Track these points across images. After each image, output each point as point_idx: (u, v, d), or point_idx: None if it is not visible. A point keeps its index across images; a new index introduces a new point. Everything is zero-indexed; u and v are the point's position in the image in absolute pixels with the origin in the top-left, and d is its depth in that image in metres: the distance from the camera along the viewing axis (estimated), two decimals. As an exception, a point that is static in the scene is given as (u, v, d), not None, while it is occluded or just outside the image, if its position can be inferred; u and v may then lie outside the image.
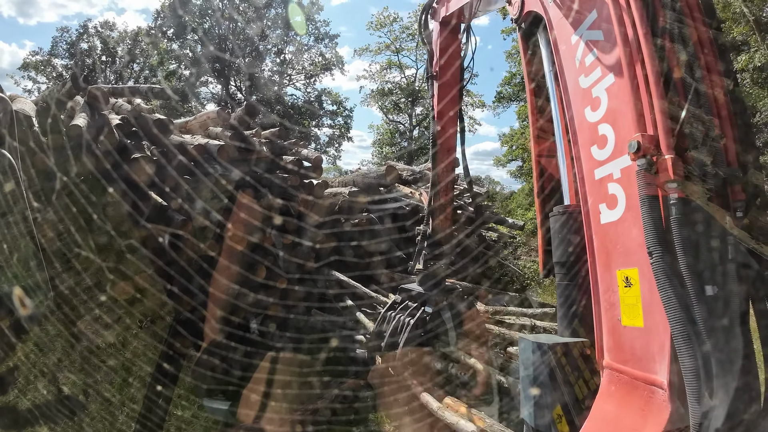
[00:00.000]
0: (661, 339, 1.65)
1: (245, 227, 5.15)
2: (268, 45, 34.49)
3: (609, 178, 1.92)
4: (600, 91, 1.98)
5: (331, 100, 36.44)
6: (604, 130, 1.95)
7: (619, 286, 1.84)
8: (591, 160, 2.02)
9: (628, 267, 1.81)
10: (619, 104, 1.87)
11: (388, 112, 37.57)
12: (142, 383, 4.35)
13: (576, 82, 2.12)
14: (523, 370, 2.25)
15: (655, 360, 1.67)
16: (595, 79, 2.01)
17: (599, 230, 1.97)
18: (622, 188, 1.85)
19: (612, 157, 1.90)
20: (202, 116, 6.25)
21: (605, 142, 1.94)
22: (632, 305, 1.78)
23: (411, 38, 36.04)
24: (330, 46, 35.70)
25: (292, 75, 35.98)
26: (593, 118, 2.01)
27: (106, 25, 32.37)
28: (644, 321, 1.73)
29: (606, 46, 1.96)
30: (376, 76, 37.11)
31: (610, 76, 1.93)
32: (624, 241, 1.84)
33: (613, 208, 1.89)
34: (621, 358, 1.83)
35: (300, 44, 35.36)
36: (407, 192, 7.81)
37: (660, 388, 1.63)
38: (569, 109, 2.18)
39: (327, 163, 35.40)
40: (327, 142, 36.15)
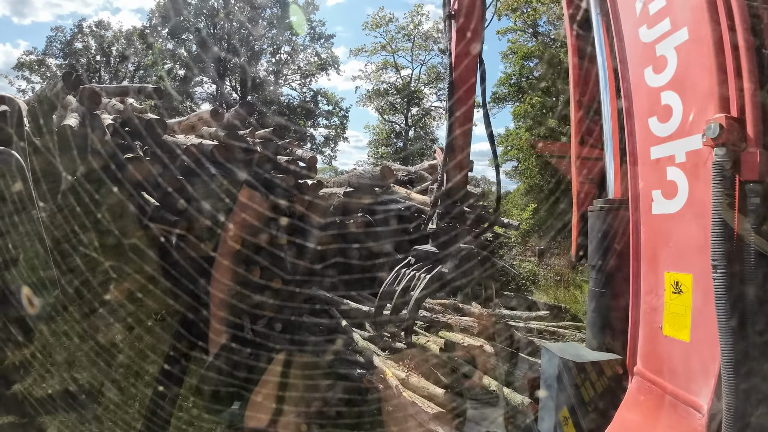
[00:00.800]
0: (707, 359, 1.42)
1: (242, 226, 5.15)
2: (264, 45, 34.46)
3: (669, 161, 1.58)
4: (667, 48, 1.59)
5: (327, 100, 36.49)
6: (669, 99, 1.58)
7: (665, 290, 1.59)
8: (648, 134, 1.67)
9: (681, 271, 1.54)
10: (693, 70, 1.49)
11: (383, 113, 37.65)
12: (147, 383, 4.32)
13: (635, 34, 1.73)
14: (544, 383, 2.09)
15: (697, 380, 1.46)
16: (661, 33, 1.62)
17: (649, 221, 1.68)
18: (685, 176, 1.51)
19: (676, 135, 1.55)
20: (195, 116, 6.24)
21: (669, 115, 1.58)
22: (679, 315, 1.54)
23: (407, 39, 36.16)
24: (326, 46, 35.78)
25: (288, 75, 36.00)
26: (655, 82, 1.64)
27: (101, 25, 32.31)
28: (691, 336, 1.49)
29: None
30: (372, 76, 37.21)
31: (683, 31, 1.53)
32: (679, 240, 1.56)
33: (670, 197, 1.57)
34: (656, 368, 1.65)
35: (296, 44, 35.39)
36: (403, 192, 7.82)
37: (698, 411, 1.44)
38: (623, 69, 1.82)
39: (323, 164, 35.41)
40: (323, 142, 36.24)
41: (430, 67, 36.64)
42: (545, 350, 2.14)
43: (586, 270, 14.49)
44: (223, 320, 4.96)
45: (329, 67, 35.73)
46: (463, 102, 3.59)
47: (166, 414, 4.17)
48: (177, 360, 4.65)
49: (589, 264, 2.20)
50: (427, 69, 36.80)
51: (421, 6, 37.10)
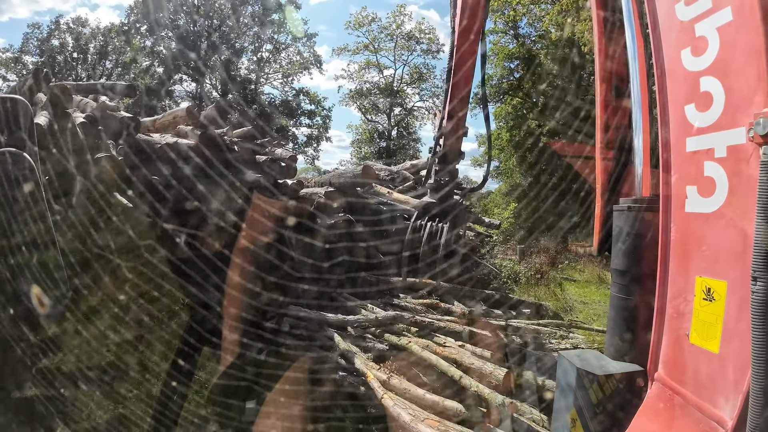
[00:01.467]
0: (736, 373, 1.34)
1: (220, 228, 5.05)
2: (245, 43, 34.01)
3: (707, 155, 1.43)
4: (708, 29, 1.42)
5: (309, 99, 36.24)
6: (709, 85, 1.42)
7: (695, 296, 1.48)
8: (684, 123, 1.52)
9: (714, 277, 1.42)
10: (738, 54, 1.33)
11: (366, 112, 37.59)
12: (157, 380, 4.40)
13: (671, 11, 1.56)
14: (559, 392, 2.01)
15: (724, 394, 1.38)
16: (702, 11, 1.45)
17: (681, 219, 1.54)
18: (726, 173, 1.36)
19: (716, 127, 1.40)
20: (170, 114, 6.09)
21: (709, 103, 1.41)
22: (709, 324, 1.44)
23: (389, 39, 36.18)
24: (308, 44, 35.49)
25: (270, 73, 35.61)
26: (694, 66, 1.48)
27: (79, 21, 31.44)
28: (720, 347, 1.40)
29: None
30: (355, 75, 37.12)
31: (726, 10, 1.36)
32: (714, 243, 1.43)
33: (707, 195, 1.43)
34: (679, 376, 1.56)
35: (278, 42, 35.02)
36: (384, 192, 7.80)
37: (721, 425, 1.37)
38: (657, 49, 1.63)
39: (305, 163, 35.17)
40: (305, 141, 35.94)
41: (413, 68, 36.79)
42: (562, 358, 2.02)
43: (567, 268, 14.74)
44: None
45: (312, 66, 35.52)
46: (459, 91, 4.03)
47: (176, 409, 4.27)
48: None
49: (612, 268, 2.08)
50: (410, 69, 36.94)
51: (403, 6, 37.20)
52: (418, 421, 3.28)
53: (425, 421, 3.27)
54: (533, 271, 12.10)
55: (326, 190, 6.69)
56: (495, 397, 3.38)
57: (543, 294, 10.55)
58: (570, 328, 5.83)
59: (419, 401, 3.69)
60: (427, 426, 3.20)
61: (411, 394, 3.79)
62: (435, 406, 3.56)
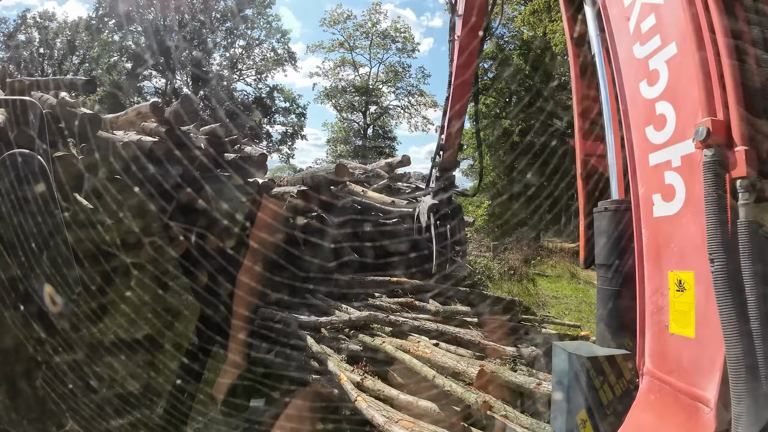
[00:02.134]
0: (713, 353, 1.47)
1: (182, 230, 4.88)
2: (217, 38, 33.22)
3: (666, 166, 1.67)
4: (659, 63, 1.72)
5: (284, 96, 35.68)
6: (663, 108, 1.70)
7: (669, 289, 1.65)
8: (645, 142, 1.78)
9: (683, 269, 1.60)
10: (683, 80, 1.61)
11: (342, 110, 37.34)
12: (167, 379, 4.49)
13: (630, 50, 1.86)
14: (556, 380, 2.12)
15: (704, 374, 1.50)
16: (653, 49, 1.75)
17: (651, 224, 1.75)
18: (682, 179, 1.61)
19: (671, 142, 1.66)
20: (134, 111, 5.85)
21: (663, 123, 1.69)
22: (684, 312, 1.60)
23: (365, 36, 36.01)
24: (282, 41, 34.93)
25: (243, 70, 34.90)
26: (650, 94, 1.76)
27: (46, 16, 30.01)
28: (696, 331, 1.54)
29: (667, 10, 1.71)
30: (330, 73, 36.79)
31: (671, 46, 1.67)
32: (680, 240, 1.62)
33: (669, 200, 1.66)
34: (665, 366, 1.68)
35: (251, 38, 34.35)
36: (359, 190, 7.73)
37: (706, 405, 1.48)
38: (620, 84, 1.92)
39: (280, 162, 34.63)
40: (280, 139, 35.38)
41: (388, 66, 36.73)
42: (557, 348, 2.15)
43: (539, 264, 15.01)
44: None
45: (286, 63, 34.99)
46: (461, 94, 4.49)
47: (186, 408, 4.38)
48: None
49: (597, 263, 2.24)
50: (385, 68, 36.87)
51: (379, 4, 36.85)
52: (392, 422, 3.25)
53: (399, 422, 3.25)
54: (506, 268, 12.29)
55: (299, 189, 6.58)
56: (468, 396, 3.38)
57: (516, 290, 10.72)
58: (542, 323, 5.93)
59: (394, 402, 3.67)
60: (401, 427, 3.18)
61: (385, 395, 3.77)
62: (410, 407, 3.55)
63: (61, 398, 3.57)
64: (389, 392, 3.74)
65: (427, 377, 3.75)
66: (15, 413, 3.29)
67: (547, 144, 18.42)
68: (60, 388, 3.62)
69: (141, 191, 4.65)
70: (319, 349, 4.56)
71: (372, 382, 3.92)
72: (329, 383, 4.25)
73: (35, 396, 3.47)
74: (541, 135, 19.41)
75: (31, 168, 2.87)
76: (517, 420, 3.37)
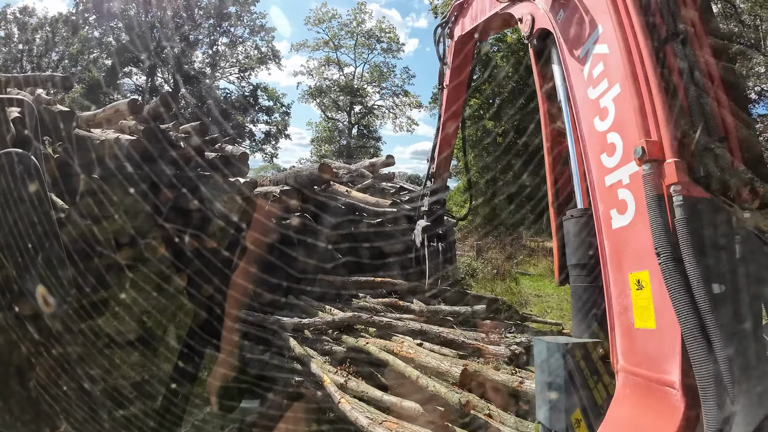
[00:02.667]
0: (672, 339, 1.67)
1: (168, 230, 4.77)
2: (199, 35, 32.70)
3: (618, 184, 1.98)
4: (607, 101, 2.07)
5: (268, 95, 35.33)
6: (613, 138, 2.02)
7: (631, 290, 1.87)
8: (601, 167, 2.09)
9: (640, 270, 1.84)
10: (625, 113, 1.96)
11: (326, 110, 37.17)
12: (161, 381, 4.45)
13: (585, 94, 2.22)
14: (539, 372, 2.25)
15: (668, 360, 1.69)
16: (602, 91, 2.11)
17: (611, 235, 2.01)
18: (632, 193, 1.91)
19: (621, 164, 1.97)
20: (111, 108, 5.70)
21: (614, 150, 2.01)
22: (644, 307, 1.80)
23: (350, 36, 35.94)
24: (266, 39, 34.56)
25: (226, 68, 34.44)
26: (602, 127, 2.10)
27: (26, 12, 29.06)
28: (656, 322, 1.75)
29: (611, 58, 2.06)
30: (314, 72, 36.60)
31: (616, 86, 2.02)
32: (634, 245, 1.87)
33: (623, 213, 1.95)
34: (635, 360, 1.84)
35: (234, 36, 33.92)
36: (343, 191, 7.69)
37: (672, 388, 1.65)
38: (579, 121, 2.27)
39: (264, 161, 34.30)
40: (263, 138, 35.01)
41: (373, 66, 36.72)
42: (536, 340, 2.37)
43: (522, 263, 15.16)
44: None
45: (270, 62, 34.64)
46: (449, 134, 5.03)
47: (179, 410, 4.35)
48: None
49: (568, 264, 2.48)
50: (370, 67, 36.86)
51: (364, 4, 36.86)
52: (375, 424, 3.24)
53: (383, 423, 3.24)
54: (490, 267, 12.40)
55: (282, 189, 6.51)
56: (452, 396, 3.39)
57: (499, 289, 10.83)
58: (525, 321, 5.99)
59: (377, 403, 3.66)
60: (385, 429, 3.17)
61: (369, 396, 3.75)
62: (394, 408, 3.54)
63: (55, 400, 3.54)
64: (373, 393, 3.73)
65: (411, 377, 3.74)
66: (8, 415, 3.25)
67: (528, 144, 18.66)
68: (53, 389, 3.59)
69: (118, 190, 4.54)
70: (301, 350, 4.52)
71: (356, 384, 3.89)
72: (313, 385, 4.21)
73: (29, 397, 3.43)
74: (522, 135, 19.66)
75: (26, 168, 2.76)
76: (501, 419, 3.40)
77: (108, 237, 4.48)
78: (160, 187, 4.90)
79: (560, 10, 2.44)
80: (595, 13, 2.19)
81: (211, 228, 5.37)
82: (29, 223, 2.78)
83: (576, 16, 2.31)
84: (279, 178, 7.62)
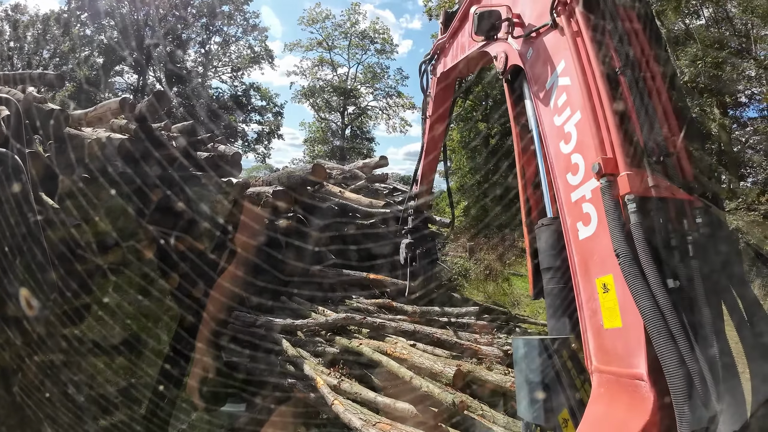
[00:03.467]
0: (637, 334, 1.80)
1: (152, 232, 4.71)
2: (192, 34, 32.44)
3: (582, 199, 2.19)
4: (570, 126, 2.30)
5: (261, 95, 35.12)
6: (576, 159, 2.25)
7: (598, 293, 2.03)
8: (567, 185, 2.30)
9: (605, 274, 2.01)
10: (585, 136, 2.19)
11: (319, 110, 37.05)
12: (147, 386, 4.42)
13: (552, 121, 2.46)
14: (517, 369, 2.40)
15: (635, 354, 1.82)
16: (566, 117, 2.34)
17: (578, 246, 2.19)
18: (594, 206, 2.11)
19: (583, 181, 2.19)
20: (103, 107, 5.64)
21: (577, 169, 2.24)
22: (611, 308, 1.95)
23: (343, 36, 35.86)
24: (259, 38, 34.36)
25: (218, 67, 34.19)
26: (566, 150, 2.33)
27: (18, 9, 28.59)
28: (622, 320, 1.89)
29: (573, 88, 2.31)
30: (308, 72, 36.47)
31: (577, 113, 2.26)
32: (599, 252, 2.04)
33: (587, 224, 2.14)
34: (606, 359, 1.97)
35: (227, 35, 33.69)
36: (336, 191, 7.68)
37: (641, 380, 1.77)
38: (547, 145, 2.49)
39: (256, 161, 34.08)
40: (256, 139, 34.79)
41: (367, 67, 36.68)
42: (514, 339, 2.55)
43: (515, 264, 15.20)
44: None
45: (263, 61, 34.43)
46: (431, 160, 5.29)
47: (165, 414, 4.33)
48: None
49: (541, 268, 2.64)
50: (364, 68, 36.81)
51: (358, 5, 36.75)
52: (369, 425, 3.24)
53: (377, 425, 3.23)
54: (482, 267, 12.45)
55: (274, 189, 6.48)
56: (446, 396, 3.40)
57: (492, 289, 10.88)
58: (517, 322, 6.04)
59: (371, 404, 3.65)
60: (379, 430, 3.17)
61: (363, 398, 3.74)
62: (387, 409, 3.54)
63: (38, 405, 3.52)
64: (366, 395, 3.72)
65: (405, 378, 3.75)
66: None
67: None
68: (37, 394, 3.56)
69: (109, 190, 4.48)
70: (294, 352, 4.50)
71: (349, 385, 3.89)
72: (306, 387, 4.20)
73: (13, 402, 3.41)
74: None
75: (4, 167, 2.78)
76: (494, 419, 3.42)
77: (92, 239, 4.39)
78: (148, 187, 4.83)
79: (529, 48, 2.71)
80: (558, 51, 2.45)
81: (200, 230, 5.31)
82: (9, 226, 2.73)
83: (542, 54, 2.59)
84: (272, 178, 7.57)
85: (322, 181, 7.31)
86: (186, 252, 5.06)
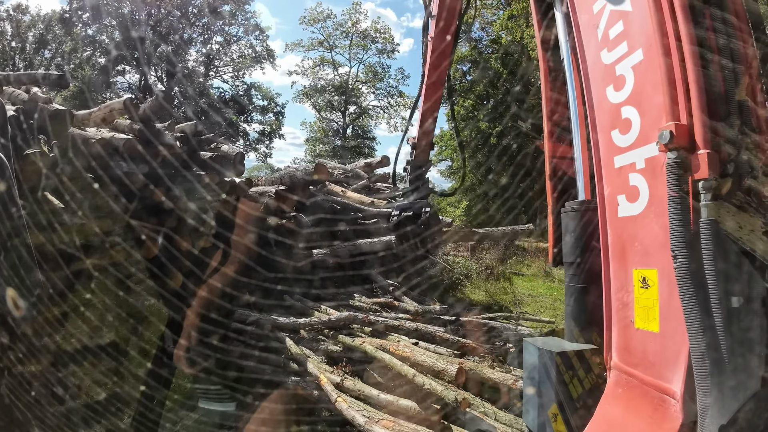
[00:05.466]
0: (677, 347, 1.52)
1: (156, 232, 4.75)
2: (193, 33, 32.52)
3: (631, 168, 1.73)
4: (625, 68, 1.77)
5: (262, 94, 35.20)
6: (628, 113, 1.75)
7: (634, 286, 1.70)
8: (611, 145, 1.82)
9: (647, 267, 1.65)
10: (648, 86, 1.66)
11: (321, 110, 37.11)
12: (135, 387, 4.34)
13: (597, 57, 1.90)
14: (527, 375, 2.17)
15: (669, 368, 1.55)
16: (620, 55, 1.80)
17: (616, 223, 1.80)
18: (646, 180, 1.66)
19: (636, 145, 1.71)
20: (107, 107, 5.67)
21: (629, 127, 1.74)
22: (648, 308, 1.65)
23: (344, 36, 35.89)
24: (261, 38, 34.43)
25: (220, 67, 34.27)
26: (616, 99, 1.81)
27: (19, 9, 28.70)
28: (660, 326, 1.60)
29: (635, 17, 1.73)
30: (309, 72, 36.52)
31: (638, 52, 1.71)
32: (643, 239, 1.68)
33: (633, 201, 1.71)
34: (631, 360, 1.72)
35: (228, 35, 33.76)
36: (338, 191, 7.71)
37: (672, 397, 1.52)
38: (588, 88, 1.97)
39: (258, 161, 34.18)
40: (257, 138, 34.89)
41: (368, 66, 36.70)
42: (527, 344, 2.20)
43: (514, 263, 15.19)
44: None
45: (264, 61, 34.50)
46: (432, 93, 4.58)
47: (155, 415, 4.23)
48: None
49: (564, 261, 2.31)
50: (365, 68, 36.83)
51: (359, 4, 36.79)
52: (372, 422, 3.27)
53: (380, 422, 3.27)
54: (484, 267, 12.45)
55: (277, 189, 6.52)
56: (448, 394, 3.43)
57: (493, 289, 10.89)
58: (519, 320, 6.06)
59: (374, 402, 3.69)
60: (382, 427, 3.20)
61: (366, 395, 3.78)
62: (390, 406, 3.57)
63: (27, 407, 3.45)
64: (369, 392, 3.76)
65: (407, 376, 3.78)
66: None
67: (523, 146, 18.78)
68: (25, 396, 3.50)
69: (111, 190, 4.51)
70: (298, 350, 4.53)
71: (352, 383, 3.92)
72: (309, 385, 4.23)
73: (1, 404, 3.33)
74: (517, 137, 19.78)
75: None
76: (496, 417, 3.45)
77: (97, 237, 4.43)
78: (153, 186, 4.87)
79: None
80: None
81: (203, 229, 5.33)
82: None
83: None
84: (274, 177, 7.61)
85: (324, 180, 7.35)
86: (190, 251, 5.10)
